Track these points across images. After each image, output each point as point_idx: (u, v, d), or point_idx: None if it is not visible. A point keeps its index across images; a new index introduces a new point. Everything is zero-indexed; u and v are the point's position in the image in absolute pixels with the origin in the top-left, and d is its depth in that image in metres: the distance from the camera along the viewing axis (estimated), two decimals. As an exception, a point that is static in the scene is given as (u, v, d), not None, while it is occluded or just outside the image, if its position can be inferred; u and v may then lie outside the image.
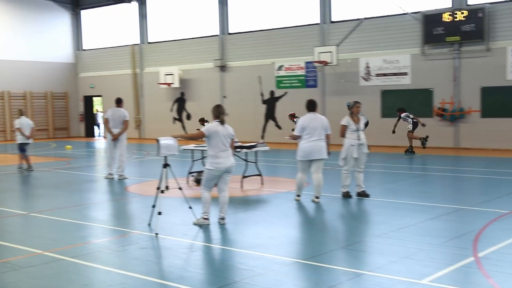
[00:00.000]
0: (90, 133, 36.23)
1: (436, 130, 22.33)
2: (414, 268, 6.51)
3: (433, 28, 22.21)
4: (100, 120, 35.82)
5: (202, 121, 20.17)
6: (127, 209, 11.55)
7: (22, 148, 17.21)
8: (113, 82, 33.35)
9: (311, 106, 10.98)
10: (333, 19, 25.43)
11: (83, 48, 35.89)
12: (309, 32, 26.00)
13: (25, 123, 17.43)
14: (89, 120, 36.40)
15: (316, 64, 24.83)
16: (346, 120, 11.47)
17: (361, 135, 11.33)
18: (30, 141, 17.52)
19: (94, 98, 36.60)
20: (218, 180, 9.11)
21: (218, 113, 9.06)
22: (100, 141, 31.50)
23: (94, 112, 37.11)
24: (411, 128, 20.11)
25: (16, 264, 7.13)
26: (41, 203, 12.22)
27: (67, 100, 35.67)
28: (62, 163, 19.95)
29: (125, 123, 15.14)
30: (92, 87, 35.11)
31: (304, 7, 26.32)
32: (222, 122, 9.02)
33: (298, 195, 11.13)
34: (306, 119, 10.83)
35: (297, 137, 10.91)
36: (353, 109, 11.42)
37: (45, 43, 34.26)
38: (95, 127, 36.83)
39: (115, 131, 14.96)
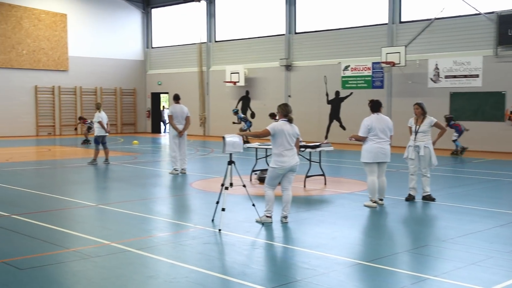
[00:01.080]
0: (156, 129, 36.91)
1: (507, 135, 21.65)
2: (481, 275, 6.32)
3: (508, 29, 21.50)
4: (166, 116, 36.39)
5: (273, 116, 20.86)
6: (191, 204, 11.68)
7: (98, 141, 17.74)
8: (180, 80, 33.87)
9: (376, 106, 10.74)
10: (402, 19, 25.01)
11: (152, 46, 36.60)
12: (377, 32, 25.67)
13: (104, 116, 18.03)
14: (156, 116, 37.08)
15: (383, 65, 24.49)
16: (410, 121, 11.33)
17: (419, 137, 11.07)
18: (107, 134, 18.13)
19: (161, 95, 37.21)
20: (282, 179, 9.11)
21: (286, 111, 9.08)
22: (166, 137, 32.02)
23: (161, 108, 37.71)
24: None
25: (85, 253, 7.34)
26: (109, 195, 12.58)
27: (135, 96, 36.47)
28: (129, 157, 20.41)
29: (187, 119, 15.49)
30: (159, 84, 35.76)
31: (372, 7, 26.02)
32: (290, 121, 9.04)
33: (375, 201, 10.63)
34: (372, 120, 10.57)
35: (362, 139, 10.72)
36: (414, 111, 11.23)
37: (117, 40, 35.14)
38: (161, 123, 37.43)
39: (180, 127, 15.29)
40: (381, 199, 10.76)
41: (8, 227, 8.88)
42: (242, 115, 26.88)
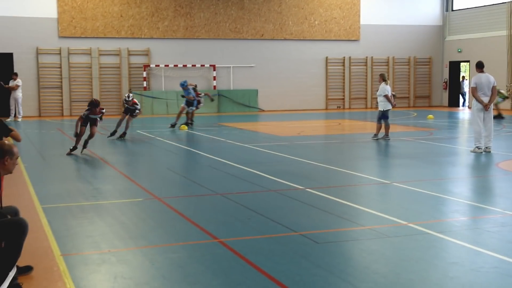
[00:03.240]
0: (454, 103, 35.80)
1: None
2: None
3: None
4: (465, 88, 35.13)
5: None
6: (497, 187, 11.23)
7: (387, 115, 17.81)
8: (483, 46, 32.22)
9: None
10: None
11: (453, 9, 35.38)
12: None
13: (389, 89, 18.09)
14: (454, 88, 35.93)
15: None
16: None
17: None
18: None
19: (461, 64, 35.95)
20: None
21: None
22: (465, 112, 31.04)
23: (460, 79, 36.42)
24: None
25: (382, 232, 7.57)
26: (401, 173, 12.67)
27: (431, 66, 35.81)
28: (424, 133, 20.25)
29: (493, 90, 14.81)
30: (459, 51, 34.56)
31: None
32: None
33: None
34: None
35: None
36: None
37: (412, 4, 34.80)
38: (460, 96, 36.21)
39: (485, 99, 14.68)
40: None
41: (304, 201, 9.57)
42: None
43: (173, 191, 10.66)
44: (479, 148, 14.80)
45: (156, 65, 30.58)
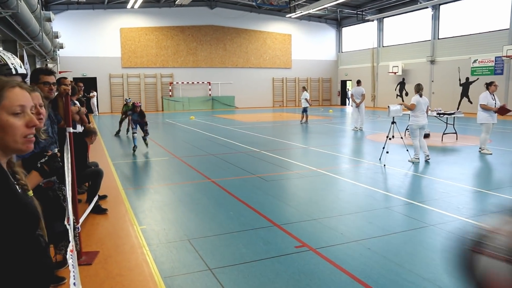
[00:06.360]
0: (343, 103, 36.03)
1: None
2: None
3: None
4: (349, 95, 35.34)
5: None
6: (365, 148, 11.34)
7: (306, 110, 17.99)
8: (359, 72, 32.46)
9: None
10: (523, 24, 20.92)
11: (342, 51, 35.50)
12: (499, 35, 21.90)
13: (307, 95, 18.16)
14: (343, 95, 36.14)
15: (504, 58, 20.94)
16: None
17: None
18: (309, 105, 18.26)
19: (347, 82, 36.13)
20: (419, 132, 8.53)
21: (419, 89, 8.59)
22: (349, 108, 31.30)
23: (346, 90, 36.60)
24: None
25: (302, 174, 7.64)
26: (314, 141, 12.64)
27: (331, 82, 35.80)
28: (327, 120, 20.34)
29: (363, 96, 15.01)
30: (346, 75, 34.75)
31: (494, 17, 22.16)
32: (421, 95, 8.52)
33: (482, 149, 9.57)
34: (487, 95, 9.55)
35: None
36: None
37: (320, 48, 34.64)
38: (346, 99, 36.46)
39: (357, 101, 14.88)
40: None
41: (259, 157, 9.56)
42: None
43: (185, 153, 10.53)
44: (356, 128, 14.97)
45: (176, 82, 30.01)
